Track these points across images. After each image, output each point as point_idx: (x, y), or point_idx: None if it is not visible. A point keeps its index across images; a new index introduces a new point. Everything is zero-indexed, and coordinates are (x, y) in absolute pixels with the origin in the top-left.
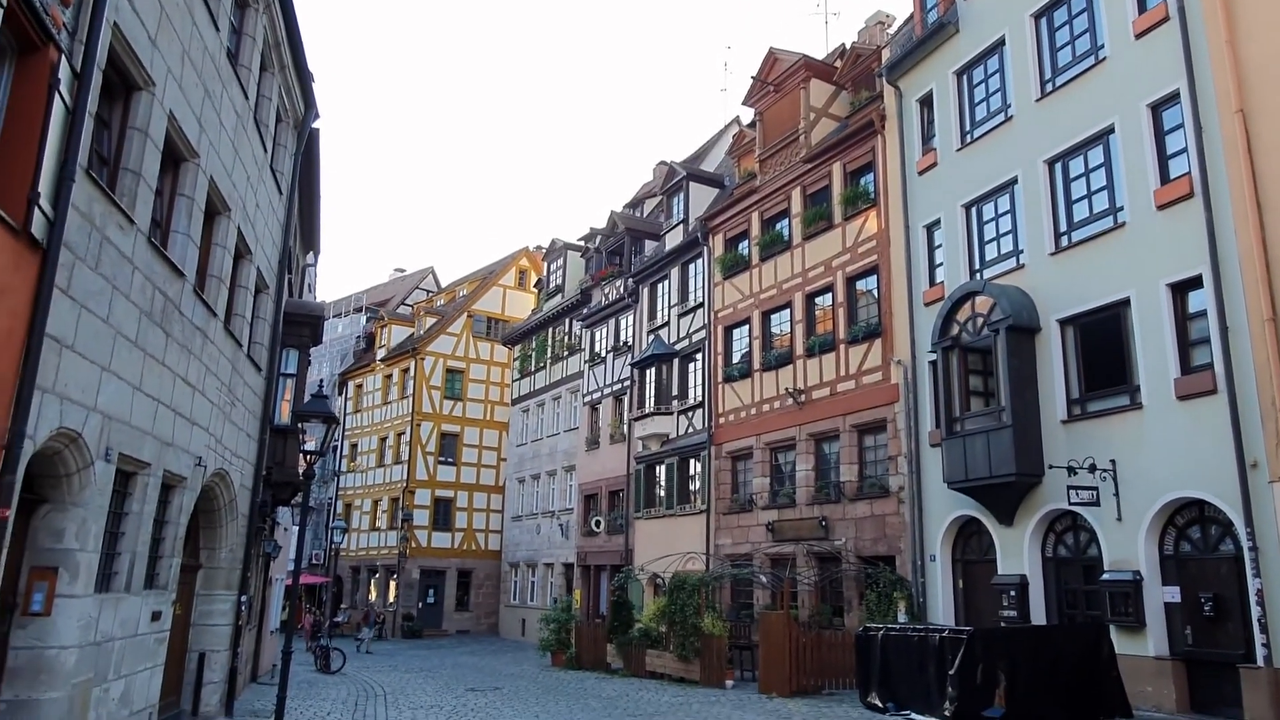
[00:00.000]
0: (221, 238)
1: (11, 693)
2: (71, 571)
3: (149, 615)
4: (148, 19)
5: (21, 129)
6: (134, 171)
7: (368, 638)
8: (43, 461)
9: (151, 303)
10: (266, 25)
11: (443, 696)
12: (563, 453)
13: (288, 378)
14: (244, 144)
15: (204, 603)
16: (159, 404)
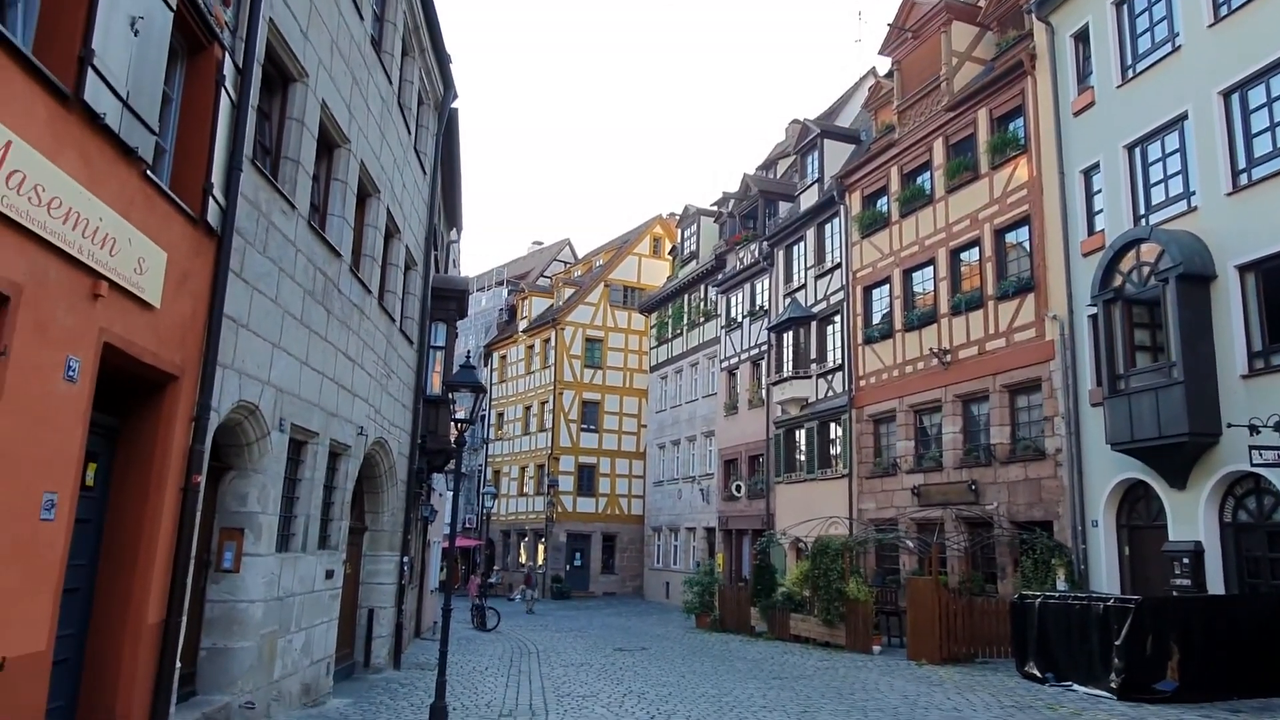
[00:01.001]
0: (373, 218)
1: (210, 641)
2: (255, 532)
3: (323, 573)
4: (299, 12)
5: (194, 125)
6: (293, 160)
7: (531, 597)
8: (226, 432)
9: (313, 282)
10: (406, 10)
11: (592, 655)
12: (702, 418)
13: (437, 350)
14: (390, 127)
15: (370, 563)
16: (324, 377)
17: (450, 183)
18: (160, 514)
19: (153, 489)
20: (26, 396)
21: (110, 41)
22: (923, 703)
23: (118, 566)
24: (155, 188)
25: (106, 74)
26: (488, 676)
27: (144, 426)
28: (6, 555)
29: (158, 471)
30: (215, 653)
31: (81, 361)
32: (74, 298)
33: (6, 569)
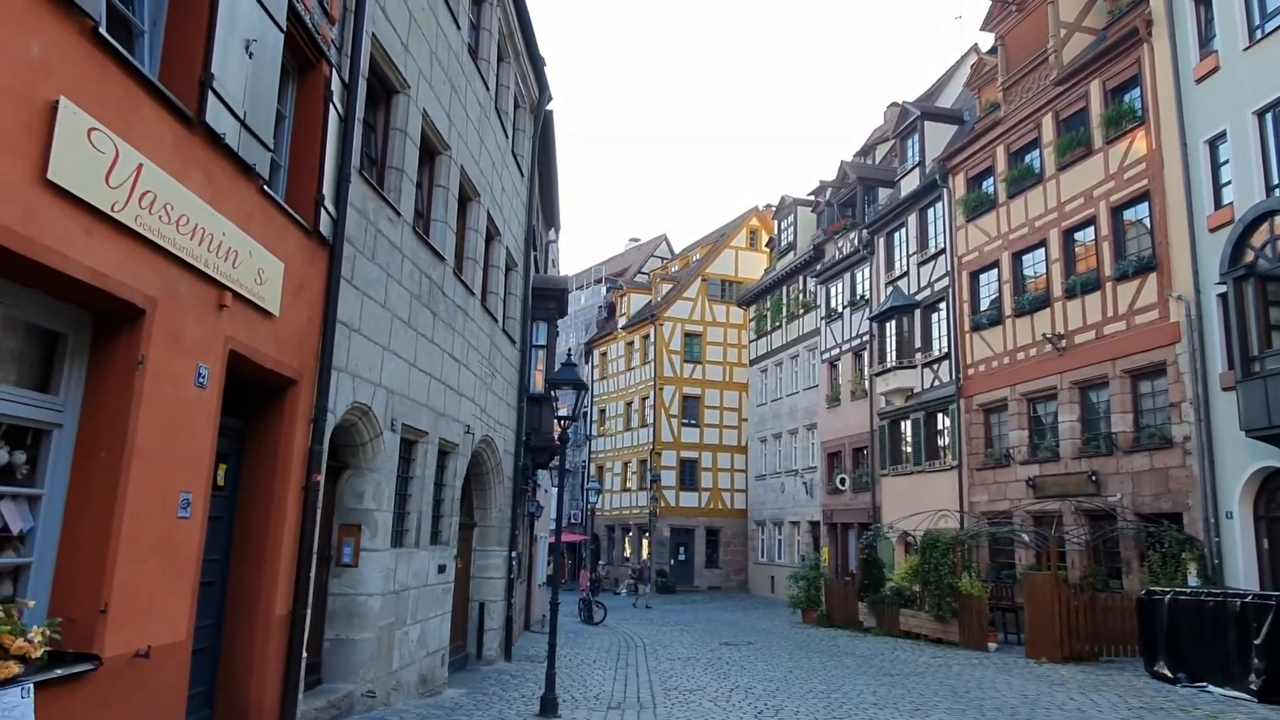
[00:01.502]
0: (474, 222)
1: (333, 633)
2: (371, 528)
3: (435, 568)
4: (399, 26)
5: (306, 139)
6: (398, 168)
7: (645, 592)
8: (343, 432)
9: (419, 286)
10: (501, 17)
11: (698, 649)
12: (803, 411)
13: (539, 349)
14: (488, 132)
15: (480, 558)
16: (431, 378)
17: (547, 184)
18: (284, 511)
19: (277, 488)
20: (163, 402)
21: (228, 65)
22: (1044, 702)
23: (248, 561)
24: (272, 202)
25: (225, 96)
26: (596, 669)
27: (267, 428)
28: (149, 551)
29: (281, 471)
30: (338, 643)
31: (210, 368)
32: (202, 309)
33: (149, 564)
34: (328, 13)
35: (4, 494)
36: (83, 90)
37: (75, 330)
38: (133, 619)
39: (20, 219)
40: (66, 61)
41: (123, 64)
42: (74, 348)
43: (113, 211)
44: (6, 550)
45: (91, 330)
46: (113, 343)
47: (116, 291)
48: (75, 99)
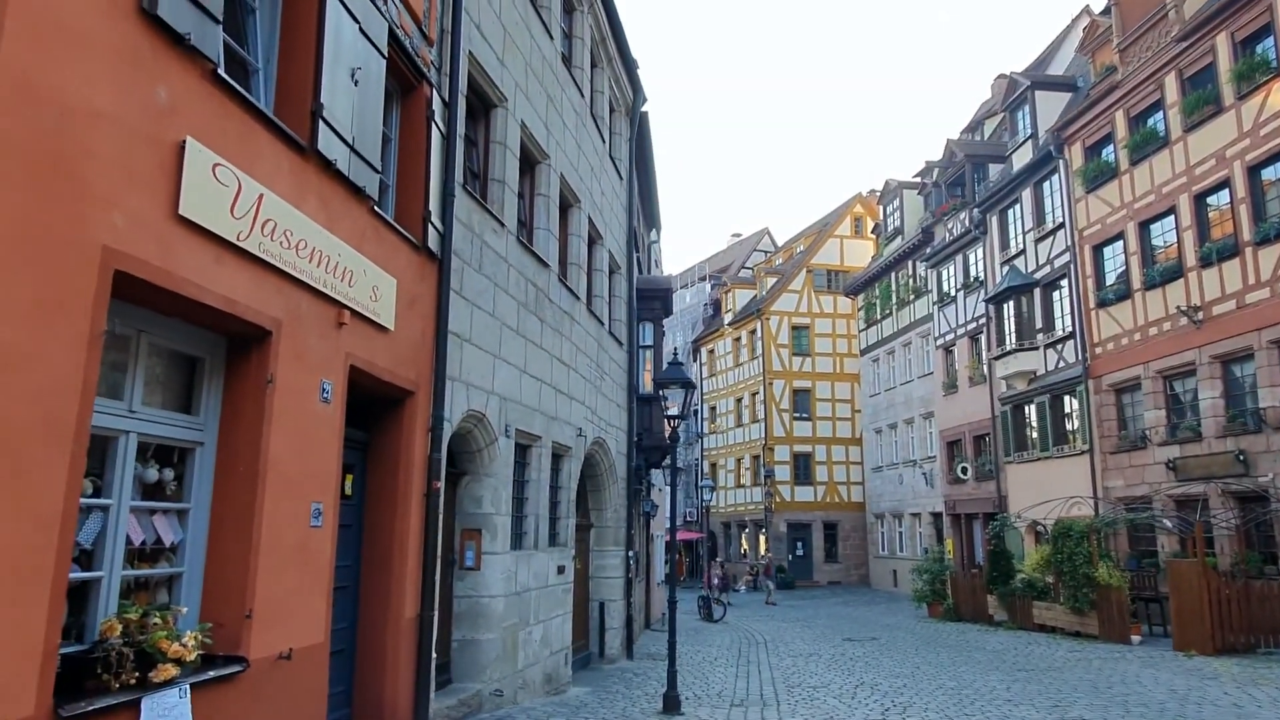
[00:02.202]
0: (576, 228)
1: (460, 634)
2: (491, 532)
3: (555, 569)
4: (495, 42)
5: (411, 159)
6: (500, 180)
7: (771, 588)
8: (459, 440)
9: (526, 294)
10: (592, 24)
11: (820, 645)
12: (919, 399)
13: (646, 349)
14: (585, 139)
15: (598, 558)
16: (542, 383)
17: (646, 185)
18: (408, 518)
19: (400, 495)
20: (292, 418)
21: (335, 93)
22: (1195, 697)
23: (376, 566)
24: (382, 221)
25: (335, 123)
26: (717, 666)
27: (389, 439)
28: (286, 559)
29: (403, 479)
30: (465, 644)
31: (333, 384)
32: (323, 327)
33: (287, 571)
34: (426, 35)
35: (156, 509)
36: (206, 129)
37: (211, 353)
38: (275, 623)
39: (158, 253)
40: (190, 103)
41: (240, 101)
42: (211, 370)
43: (238, 241)
44: (160, 561)
45: (225, 353)
46: (244, 363)
47: (245, 315)
48: (200, 137)
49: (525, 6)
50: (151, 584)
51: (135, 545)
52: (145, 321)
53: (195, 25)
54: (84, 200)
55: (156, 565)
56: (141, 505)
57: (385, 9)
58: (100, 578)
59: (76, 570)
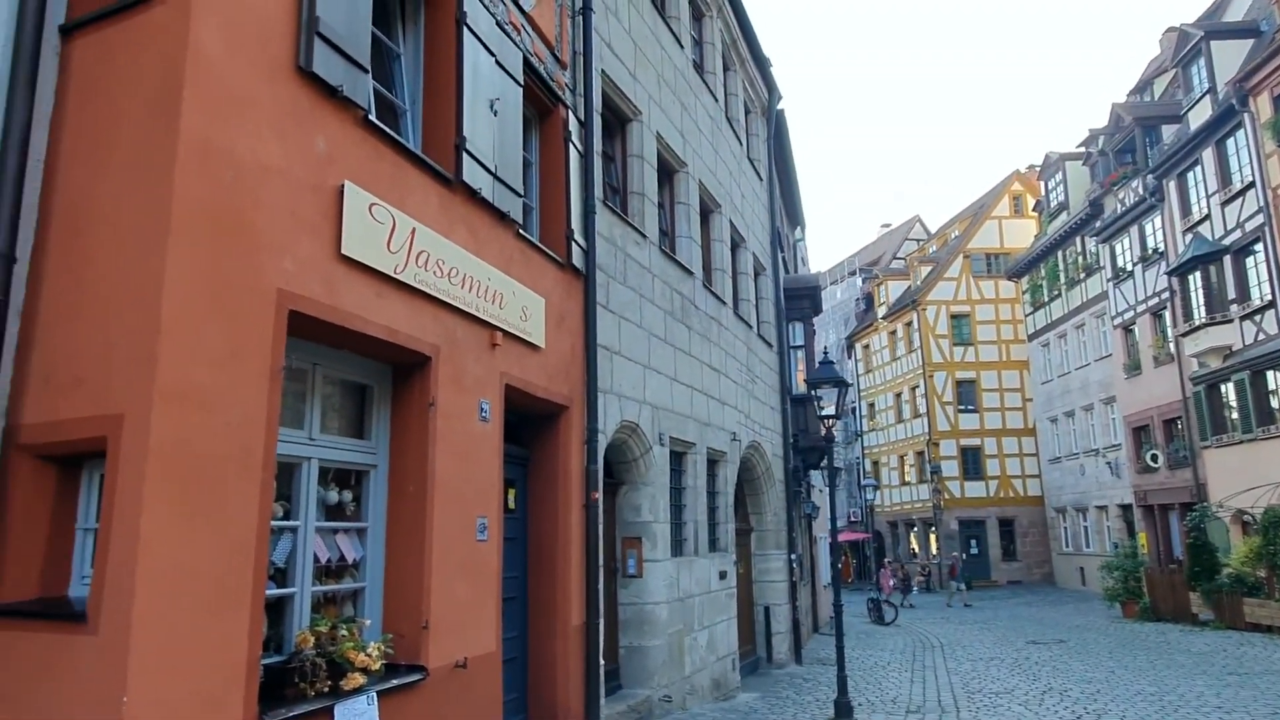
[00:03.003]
0: (717, 233)
1: (627, 640)
2: (651, 539)
3: (716, 574)
4: (626, 58)
5: (552, 180)
6: (639, 193)
7: (959, 589)
8: (615, 450)
9: (671, 302)
10: (722, 28)
11: (1001, 649)
12: (1097, 384)
13: (797, 349)
14: (721, 143)
15: (760, 561)
16: (692, 390)
17: (787, 183)
18: (569, 529)
19: (560, 507)
20: (453, 438)
21: (476, 125)
22: None
23: (542, 577)
24: (528, 243)
25: (477, 154)
26: (891, 671)
27: (546, 453)
28: (458, 572)
29: (562, 491)
30: (632, 650)
31: (490, 403)
32: (478, 350)
33: (458, 584)
34: (559, 59)
35: (338, 529)
36: (361, 171)
37: (379, 381)
38: (450, 633)
39: (325, 292)
40: (346, 149)
41: (390, 142)
42: (379, 396)
43: (395, 274)
44: (345, 577)
45: (391, 379)
46: (408, 389)
47: (406, 344)
48: (356, 180)
49: (654, 19)
50: (338, 598)
51: (322, 563)
52: (318, 355)
53: (346, 77)
54: (259, 249)
55: (342, 581)
56: (325, 525)
57: (519, 40)
58: (293, 593)
59: (272, 587)
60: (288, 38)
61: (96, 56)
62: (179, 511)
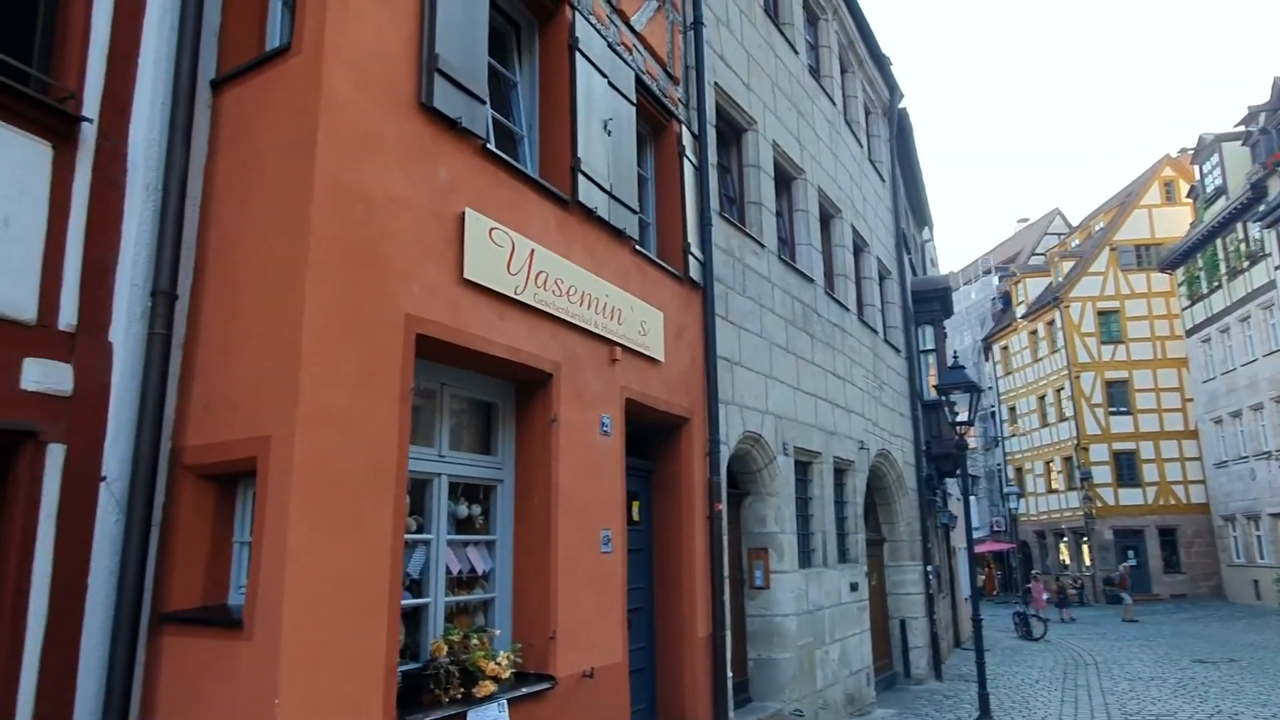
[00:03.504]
0: (839, 238)
1: (755, 653)
2: (778, 550)
3: (847, 586)
4: (739, 68)
5: (667, 195)
6: (756, 203)
7: (1128, 602)
8: (738, 461)
9: (792, 311)
10: (838, 29)
11: (1163, 668)
12: (1267, 381)
13: (927, 354)
14: (840, 147)
15: (894, 573)
16: (816, 399)
17: (912, 183)
18: (693, 540)
19: (684, 519)
20: (576, 452)
21: (591, 146)
22: None
23: (667, 588)
24: (644, 258)
25: (592, 174)
26: (1039, 690)
27: (669, 465)
28: (583, 584)
29: (685, 503)
30: (761, 663)
31: (612, 417)
32: (598, 365)
33: (584, 595)
34: (671, 75)
35: (468, 541)
36: (481, 198)
37: (503, 399)
38: (576, 644)
39: (450, 315)
40: (466, 177)
41: (508, 168)
42: (504, 414)
43: (516, 295)
44: (476, 588)
45: (515, 397)
46: (531, 405)
47: (528, 362)
48: (476, 206)
49: (767, 28)
50: (470, 608)
51: (454, 574)
52: (446, 375)
53: (465, 109)
54: (388, 277)
55: (473, 592)
56: (456, 538)
57: (631, 59)
58: (428, 603)
59: (408, 597)
60: (410, 76)
61: (242, 107)
62: (321, 526)
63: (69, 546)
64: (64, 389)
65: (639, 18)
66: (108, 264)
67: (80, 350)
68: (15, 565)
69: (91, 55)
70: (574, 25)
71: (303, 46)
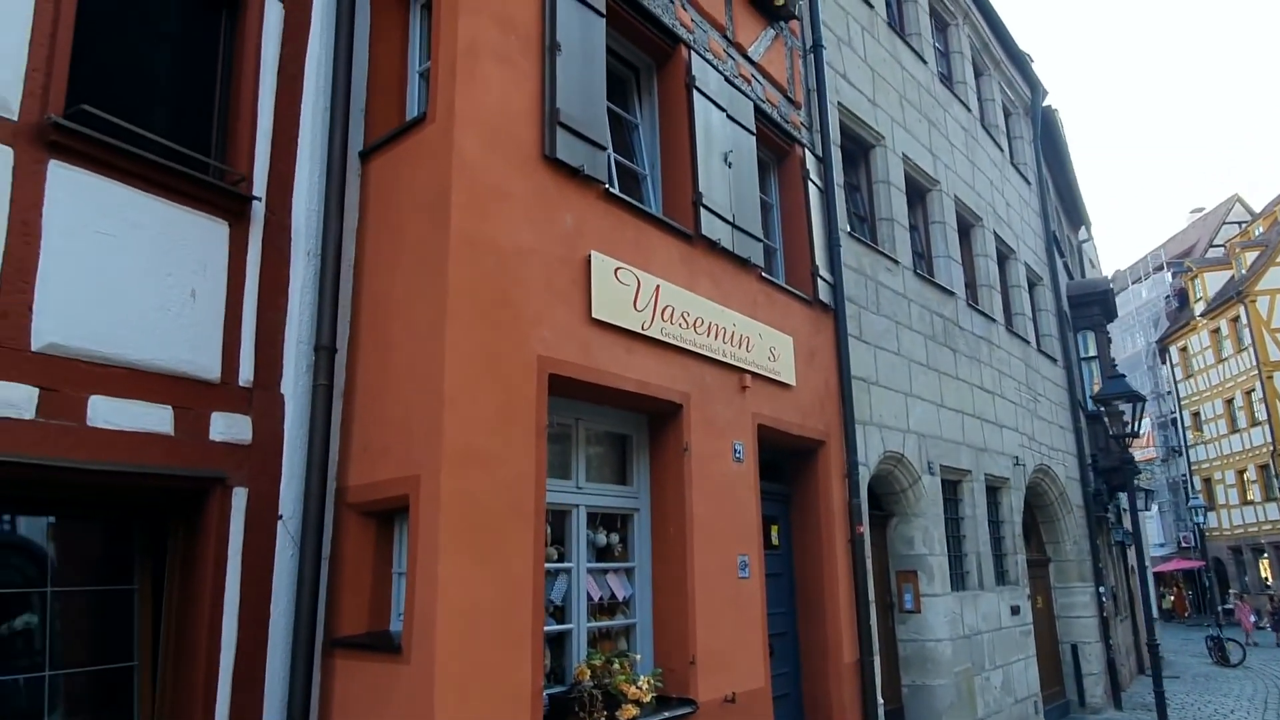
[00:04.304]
0: (980, 247)
1: (909, 679)
2: (927, 573)
3: (1007, 609)
4: (863, 85)
5: (793, 219)
6: (887, 219)
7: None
8: (881, 481)
9: (931, 326)
10: (970, 33)
11: None
12: None
13: (1089, 361)
14: (977, 153)
15: (1062, 595)
16: (963, 414)
17: (1063, 181)
18: (835, 564)
19: (824, 542)
20: (709, 480)
21: (711, 179)
22: None
23: (810, 613)
24: (771, 284)
25: (714, 207)
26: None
27: (807, 488)
28: (722, 610)
29: (825, 526)
30: (915, 690)
31: (744, 444)
32: (728, 393)
33: (723, 620)
34: (793, 100)
35: (608, 569)
36: (605, 239)
37: (636, 430)
38: (716, 668)
39: (580, 354)
40: (590, 221)
41: (630, 209)
42: (637, 445)
43: (643, 330)
44: (617, 614)
45: (648, 428)
46: (663, 436)
47: (658, 394)
48: (601, 248)
49: (891, 41)
50: (612, 634)
51: (595, 601)
52: (579, 410)
53: (587, 157)
54: (521, 322)
55: (614, 618)
56: (596, 566)
57: (749, 90)
58: (571, 629)
59: (552, 623)
60: (534, 132)
61: (386, 173)
62: (468, 557)
63: (253, 579)
64: (244, 438)
65: (756, 48)
66: (278, 324)
67: (257, 403)
68: (209, 596)
69: (259, 140)
70: (690, 64)
71: (436, 115)
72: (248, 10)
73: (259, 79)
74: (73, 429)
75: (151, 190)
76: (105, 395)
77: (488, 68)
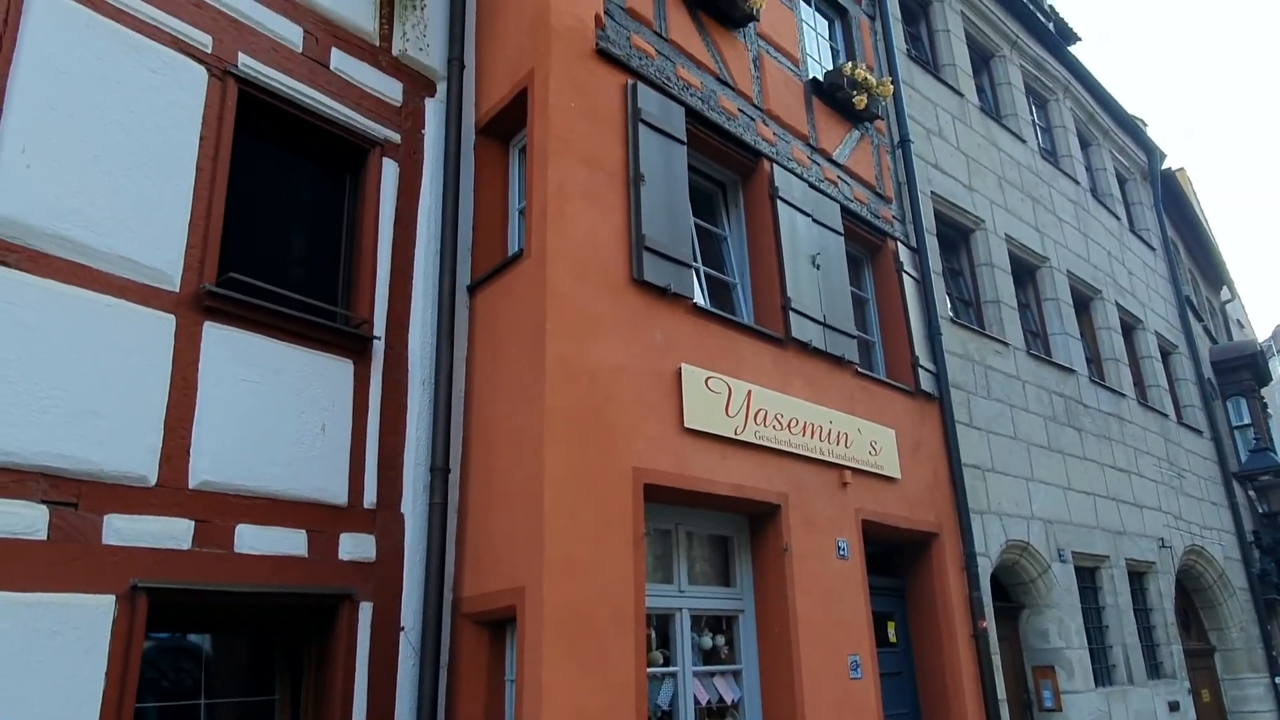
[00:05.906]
0: (1102, 320)
1: None
2: (1066, 668)
3: (1164, 706)
4: (957, 172)
5: (890, 312)
6: (993, 301)
7: None
8: (1007, 572)
9: (1051, 406)
10: (1072, 106)
11: None
12: None
13: (1242, 429)
14: (1090, 224)
15: (1232, 688)
16: (1095, 497)
17: (1195, 243)
18: (957, 660)
19: (944, 638)
20: (813, 579)
21: (799, 283)
22: None
23: (935, 712)
24: (868, 379)
25: (803, 309)
26: None
27: (922, 582)
28: (831, 711)
29: (944, 621)
30: None
31: (848, 540)
32: (828, 491)
33: None
34: (882, 196)
35: (714, 672)
36: (695, 351)
37: (736, 531)
38: None
39: (673, 463)
40: (679, 335)
41: (718, 319)
42: (739, 546)
43: (736, 435)
44: (726, 717)
45: (748, 529)
46: (763, 536)
47: (754, 496)
48: (691, 360)
49: (985, 125)
50: None
51: (703, 704)
52: (677, 516)
53: (674, 276)
54: (615, 436)
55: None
56: (702, 669)
57: (835, 192)
58: None
59: None
60: (622, 258)
61: (490, 305)
62: (570, 664)
63: (379, 686)
64: (369, 556)
65: (841, 150)
66: (397, 449)
67: (380, 523)
68: (340, 703)
69: (378, 285)
70: (773, 176)
71: (531, 250)
72: (368, 173)
73: (378, 231)
74: (223, 555)
75: (288, 339)
76: (250, 524)
77: (576, 205)
